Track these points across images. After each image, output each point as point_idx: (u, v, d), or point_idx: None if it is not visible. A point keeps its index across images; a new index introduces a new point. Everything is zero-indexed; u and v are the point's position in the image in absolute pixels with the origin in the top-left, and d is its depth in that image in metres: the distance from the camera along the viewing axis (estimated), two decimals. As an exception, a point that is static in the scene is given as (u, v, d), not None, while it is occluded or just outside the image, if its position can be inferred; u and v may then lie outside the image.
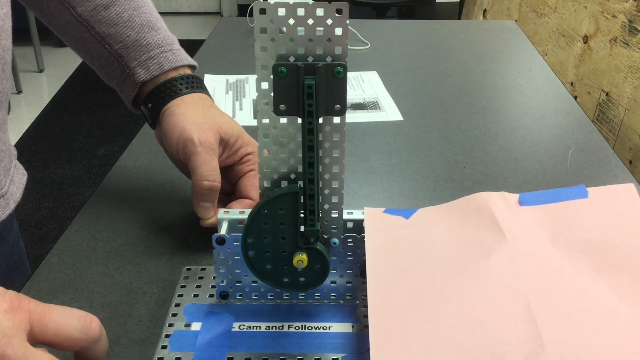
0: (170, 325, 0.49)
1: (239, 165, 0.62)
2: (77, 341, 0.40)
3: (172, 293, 0.53)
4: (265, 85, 0.43)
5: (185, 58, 0.66)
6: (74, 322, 0.40)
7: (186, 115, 0.60)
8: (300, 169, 0.45)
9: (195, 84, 0.65)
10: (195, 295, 0.52)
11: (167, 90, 0.63)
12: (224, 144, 0.60)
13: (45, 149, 2.57)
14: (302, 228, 0.46)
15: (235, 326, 0.49)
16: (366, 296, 0.45)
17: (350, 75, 1.04)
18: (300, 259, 0.47)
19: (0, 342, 0.35)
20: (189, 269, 0.55)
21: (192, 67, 0.67)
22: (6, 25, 0.56)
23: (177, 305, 0.51)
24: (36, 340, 0.39)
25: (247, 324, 0.49)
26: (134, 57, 0.64)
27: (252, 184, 0.60)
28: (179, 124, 0.59)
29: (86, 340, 0.40)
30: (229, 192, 0.63)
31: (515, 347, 0.40)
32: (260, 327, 0.49)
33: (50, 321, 0.39)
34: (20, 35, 3.09)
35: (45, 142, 2.63)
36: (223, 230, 0.50)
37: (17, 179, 0.63)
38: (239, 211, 0.51)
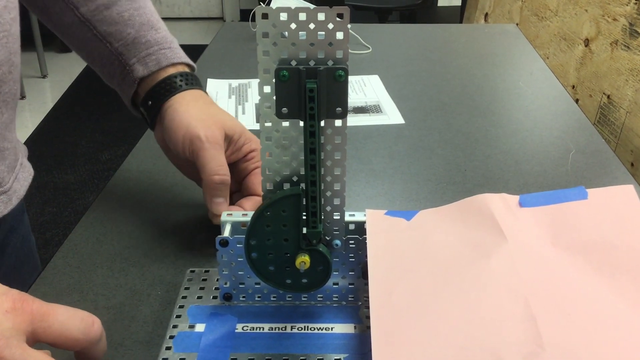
0: (174, 326, 0.49)
1: (244, 162, 0.62)
2: (79, 342, 0.40)
3: (176, 295, 0.54)
4: (267, 89, 0.44)
5: (183, 56, 0.66)
6: (77, 322, 0.40)
7: (189, 112, 0.60)
8: (302, 172, 0.46)
9: (193, 81, 0.65)
10: (199, 297, 0.53)
11: (166, 86, 0.63)
12: (229, 140, 0.60)
13: (48, 154, 2.58)
14: (304, 230, 0.47)
15: (239, 327, 0.49)
16: (368, 297, 0.45)
17: (352, 79, 1.04)
18: (303, 260, 0.47)
19: None
20: (192, 271, 0.56)
21: (190, 67, 0.67)
22: (13, 30, 0.57)
23: (181, 307, 0.52)
24: (38, 340, 0.39)
25: (250, 325, 0.50)
26: (133, 54, 0.64)
27: (260, 182, 0.60)
28: (184, 122, 0.59)
29: (87, 341, 0.41)
30: (234, 190, 0.63)
31: (515, 347, 0.41)
32: (263, 328, 0.49)
33: (55, 322, 0.39)
34: (24, 41, 3.10)
35: (49, 147, 2.64)
36: (226, 233, 0.51)
37: (23, 177, 0.64)
38: (242, 213, 0.52)
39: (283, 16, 0.41)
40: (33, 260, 0.75)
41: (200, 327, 0.49)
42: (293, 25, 0.41)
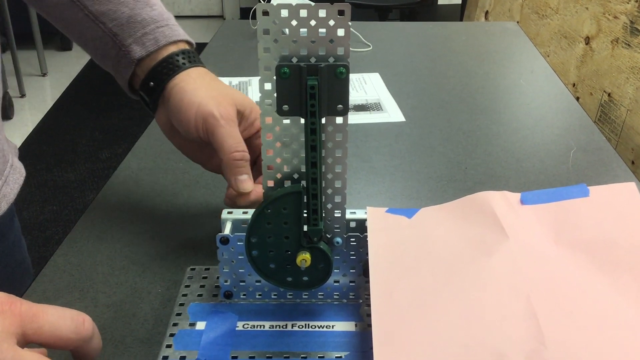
0: (175, 324, 0.49)
1: (257, 138, 0.59)
2: (71, 341, 0.40)
3: (177, 293, 0.54)
4: (268, 86, 0.43)
5: (182, 33, 0.63)
6: (67, 322, 0.40)
7: (199, 90, 0.58)
8: (303, 169, 0.46)
9: (195, 59, 0.62)
10: (200, 295, 0.53)
11: (168, 65, 0.60)
12: (240, 116, 0.58)
13: (48, 152, 2.58)
14: (305, 227, 0.47)
15: (239, 325, 0.49)
16: (369, 295, 0.45)
17: (353, 77, 1.04)
18: (304, 258, 0.47)
19: None
20: (193, 269, 0.56)
21: (190, 44, 0.64)
22: None
23: (182, 304, 0.51)
24: (30, 341, 0.38)
25: (251, 323, 0.50)
26: (129, 34, 0.61)
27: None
28: (194, 100, 0.57)
29: (79, 339, 0.40)
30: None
31: (517, 344, 0.41)
32: (264, 326, 0.49)
33: (45, 323, 0.39)
34: (24, 39, 3.11)
35: (49, 145, 2.64)
36: (227, 230, 0.51)
37: (13, 179, 0.62)
38: (243, 211, 0.52)
39: (284, 13, 0.41)
40: (25, 265, 0.73)
41: (200, 325, 0.49)
42: (294, 22, 0.41)
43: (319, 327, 0.49)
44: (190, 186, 0.71)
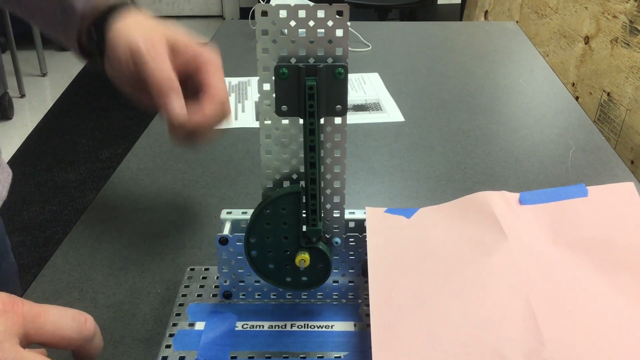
0: (174, 324, 0.49)
1: (196, 74, 0.58)
2: (73, 340, 0.40)
3: (176, 293, 0.54)
4: (267, 87, 0.43)
5: None
6: (69, 322, 0.40)
7: (128, 27, 0.57)
8: (302, 169, 0.46)
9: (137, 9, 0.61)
10: (199, 295, 0.53)
11: (109, 15, 0.59)
12: (173, 50, 0.57)
13: (48, 152, 2.58)
14: (304, 228, 0.47)
15: (239, 325, 0.49)
16: (368, 295, 0.45)
17: (352, 76, 1.04)
18: (303, 258, 0.47)
19: None
20: (192, 269, 0.56)
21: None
22: None
23: (181, 305, 0.52)
24: (32, 341, 0.39)
25: (250, 323, 0.50)
26: None
27: (216, 79, 0.57)
28: (122, 35, 0.56)
29: (81, 338, 0.40)
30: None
31: (516, 344, 0.41)
32: (263, 326, 0.49)
33: (47, 322, 0.39)
34: (24, 39, 3.11)
35: (49, 145, 2.64)
36: (226, 231, 0.51)
37: (3, 177, 0.63)
38: (242, 212, 0.52)
39: (282, 13, 0.41)
40: (9, 261, 0.73)
41: (200, 325, 0.49)
42: (292, 23, 0.41)
43: (318, 327, 0.49)
44: (189, 186, 0.71)
